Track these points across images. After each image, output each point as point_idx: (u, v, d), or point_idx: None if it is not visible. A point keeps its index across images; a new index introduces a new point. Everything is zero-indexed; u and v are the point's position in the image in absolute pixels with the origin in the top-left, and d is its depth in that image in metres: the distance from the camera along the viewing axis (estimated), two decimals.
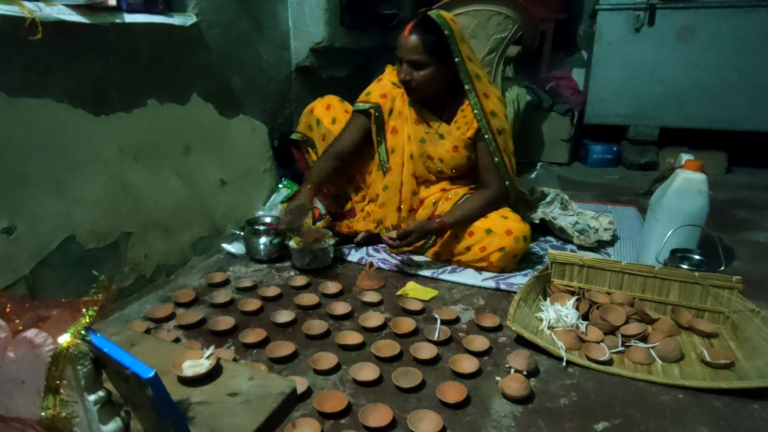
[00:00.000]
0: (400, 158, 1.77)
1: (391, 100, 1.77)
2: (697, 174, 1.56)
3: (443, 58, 1.57)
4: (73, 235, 1.26)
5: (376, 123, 1.77)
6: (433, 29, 1.54)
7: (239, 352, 1.23)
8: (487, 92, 1.65)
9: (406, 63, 1.57)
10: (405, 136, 1.75)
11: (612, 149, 3.31)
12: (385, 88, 1.78)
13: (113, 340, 0.90)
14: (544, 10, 3.32)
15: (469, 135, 1.66)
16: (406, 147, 1.76)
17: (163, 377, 0.79)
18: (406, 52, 1.56)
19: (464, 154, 1.70)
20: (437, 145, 1.71)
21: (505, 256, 1.61)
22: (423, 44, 1.53)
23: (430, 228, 1.61)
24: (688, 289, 1.38)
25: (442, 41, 1.55)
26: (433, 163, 1.74)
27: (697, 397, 1.08)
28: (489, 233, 1.63)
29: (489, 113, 1.63)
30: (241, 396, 0.74)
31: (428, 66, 1.56)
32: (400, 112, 1.76)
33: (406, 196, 1.78)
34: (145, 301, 1.48)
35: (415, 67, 1.57)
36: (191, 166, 1.68)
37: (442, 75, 1.60)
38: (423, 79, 1.58)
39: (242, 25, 1.86)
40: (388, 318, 1.37)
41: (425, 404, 1.05)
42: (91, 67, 1.29)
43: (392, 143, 1.78)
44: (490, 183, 1.70)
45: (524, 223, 1.66)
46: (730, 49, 2.88)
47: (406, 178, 1.77)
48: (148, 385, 0.52)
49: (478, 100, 1.62)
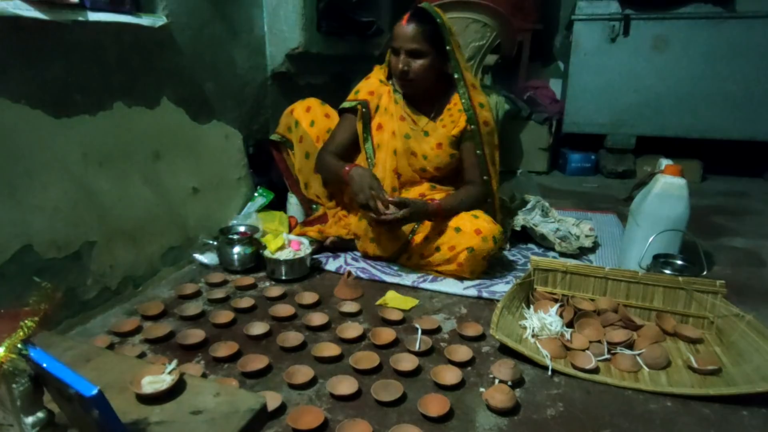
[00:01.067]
0: (384, 154, 1.76)
1: (378, 96, 1.77)
2: (677, 179, 1.56)
3: (439, 47, 1.59)
4: (29, 244, 1.18)
5: (362, 119, 1.76)
6: (428, 20, 1.57)
7: (209, 366, 1.16)
8: (475, 84, 1.68)
9: (405, 53, 1.58)
10: (390, 131, 1.75)
11: (590, 158, 3.33)
12: (373, 85, 1.79)
13: (66, 355, 0.84)
14: (521, 20, 3.34)
15: (454, 132, 1.67)
16: (390, 143, 1.75)
17: (120, 395, 0.74)
18: (406, 41, 1.56)
19: (448, 152, 1.69)
20: (422, 141, 1.70)
21: (473, 257, 1.56)
22: (422, 32, 1.55)
23: (426, 208, 1.58)
24: (672, 294, 1.36)
25: (437, 31, 1.57)
26: (417, 160, 1.72)
27: (686, 405, 1.05)
28: (458, 231, 1.60)
29: (477, 104, 1.65)
30: (205, 414, 0.68)
31: (427, 55, 1.58)
32: (386, 109, 1.76)
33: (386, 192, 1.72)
34: (110, 314, 1.40)
35: (414, 56, 1.58)
36: (161, 173, 1.61)
37: (437, 65, 1.61)
38: (421, 68, 1.59)
39: (215, 29, 1.80)
40: (367, 329, 1.32)
41: (406, 418, 1.00)
42: (51, 66, 1.22)
43: (377, 139, 1.77)
44: (475, 181, 1.70)
45: (495, 224, 1.62)
46: (703, 59, 2.94)
47: (387, 172, 1.75)
48: (92, 404, 0.46)
49: (467, 90, 1.64)
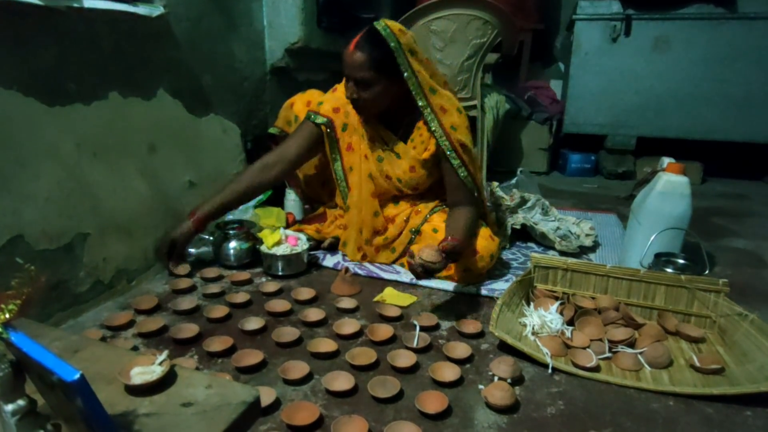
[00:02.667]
0: (358, 178, 1.66)
1: (344, 114, 1.65)
2: (679, 177, 1.54)
3: (393, 72, 1.46)
4: (20, 234, 1.16)
5: (328, 140, 1.66)
6: (379, 42, 1.43)
7: (203, 361, 1.14)
8: (445, 105, 1.51)
9: (352, 81, 1.47)
10: (361, 154, 1.65)
11: (590, 158, 3.32)
12: (339, 101, 1.65)
13: (54, 346, 0.81)
14: (522, 20, 3.33)
15: (425, 156, 1.56)
16: (363, 165, 1.65)
17: (108, 386, 0.71)
18: (352, 69, 1.45)
19: (422, 174, 1.60)
20: (394, 164, 1.62)
21: (469, 275, 1.54)
22: (369, 60, 1.42)
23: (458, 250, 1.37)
24: (674, 293, 1.34)
25: (389, 55, 1.43)
26: (392, 183, 1.64)
27: (689, 404, 1.03)
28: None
29: (449, 128, 1.50)
30: (196, 406, 0.65)
31: (376, 83, 1.45)
32: (355, 129, 1.65)
33: (367, 218, 1.66)
34: (103, 308, 1.38)
35: (362, 86, 1.46)
36: (157, 165, 1.58)
37: (392, 90, 1.49)
38: (371, 97, 1.48)
39: (214, 21, 1.78)
40: (364, 325, 1.30)
41: (403, 415, 0.97)
42: (45, 53, 1.20)
43: (349, 161, 1.67)
44: (462, 201, 1.56)
45: (493, 240, 1.56)
46: (704, 60, 2.93)
47: (365, 198, 1.66)
48: (75, 390, 0.43)
49: (435, 116, 1.49)
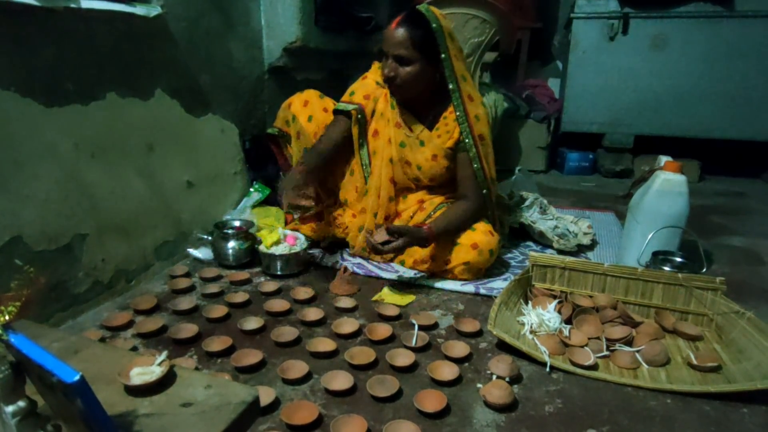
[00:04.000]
0: (380, 161, 1.69)
1: (374, 101, 1.69)
2: (677, 175, 1.55)
3: (431, 55, 1.49)
4: (19, 235, 1.16)
5: (358, 125, 1.68)
6: (421, 24, 1.46)
7: (202, 361, 1.14)
8: (472, 95, 1.56)
9: (392, 58, 1.49)
10: (386, 138, 1.67)
11: (588, 157, 3.32)
12: (369, 87, 1.69)
13: (53, 347, 0.81)
14: (520, 18, 3.33)
15: (449, 145, 1.58)
16: (386, 150, 1.67)
17: (108, 386, 0.71)
18: (393, 46, 1.47)
19: (443, 164, 1.61)
20: (416, 151, 1.63)
21: (469, 269, 1.55)
22: (411, 38, 1.45)
23: (420, 235, 1.47)
24: (672, 291, 1.34)
25: (430, 37, 1.47)
26: (411, 170, 1.66)
27: (686, 402, 1.04)
28: (455, 244, 1.56)
29: (473, 117, 1.54)
30: (195, 406, 0.66)
31: (415, 62, 1.48)
32: (382, 114, 1.68)
33: (383, 202, 1.69)
34: (102, 308, 1.38)
35: (402, 63, 1.48)
36: (155, 165, 1.58)
37: (428, 74, 1.52)
38: (408, 76, 1.49)
39: (211, 21, 1.78)
40: (362, 324, 1.30)
41: (402, 414, 0.98)
42: (42, 54, 1.20)
43: (373, 146, 1.70)
44: (468, 195, 1.59)
45: (492, 236, 1.57)
46: (702, 59, 2.93)
47: (384, 182, 1.69)
48: (74, 391, 0.44)
49: (462, 102, 1.53)
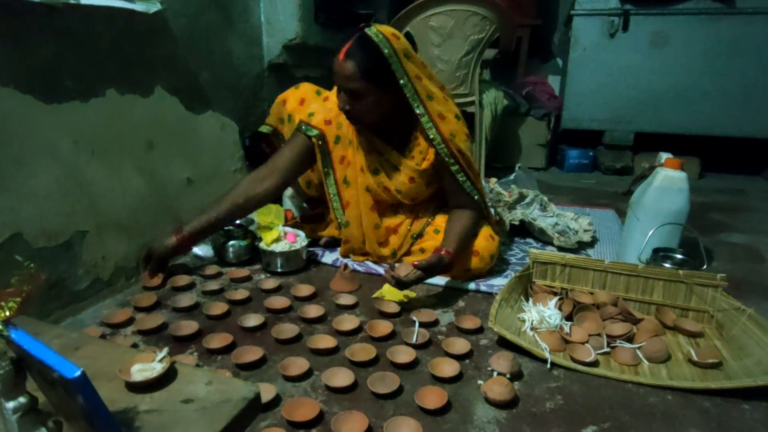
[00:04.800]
0: (356, 191, 1.60)
1: (336, 126, 1.58)
2: (677, 172, 1.54)
3: (387, 81, 1.39)
4: (19, 232, 1.16)
5: (320, 152, 1.59)
6: (371, 51, 1.35)
7: (202, 358, 1.14)
8: (443, 112, 1.47)
9: (344, 92, 1.41)
10: (357, 167, 1.59)
11: (588, 154, 3.32)
12: (331, 112, 1.58)
13: (54, 343, 0.81)
14: (520, 15, 3.33)
15: (425, 167, 1.52)
16: (360, 179, 1.59)
17: (109, 383, 0.71)
18: (342, 80, 1.38)
19: (421, 184, 1.56)
20: (392, 176, 1.57)
21: (469, 274, 1.54)
22: (361, 70, 1.35)
23: (443, 263, 1.39)
24: (672, 288, 1.34)
25: (383, 63, 1.36)
26: (391, 194, 1.60)
27: (687, 399, 1.04)
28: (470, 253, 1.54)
29: (448, 135, 1.46)
30: (196, 403, 0.66)
31: (369, 94, 1.39)
32: (350, 141, 1.58)
33: (368, 232, 1.62)
34: (102, 306, 1.38)
35: (354, 96, 1.40)
36: (155, 162, 1.58)
37: (387, 99, 1.42)
38: (364, 108, 1.41)
39: (211, 18, 1.77)
40: (363, 321, 1.30)
41: (403, 411, 0.98)
42: (42, 50, 1.19)
43: (343, 174, 1.61)
44: (464, 204, 1.55)
45: (493, 240, 1.56)
46: (702, 56, 2.93)
47: (364, 211, 1.60)
48: (76, 387, 0.44)
49: (434, 125, 1.44)
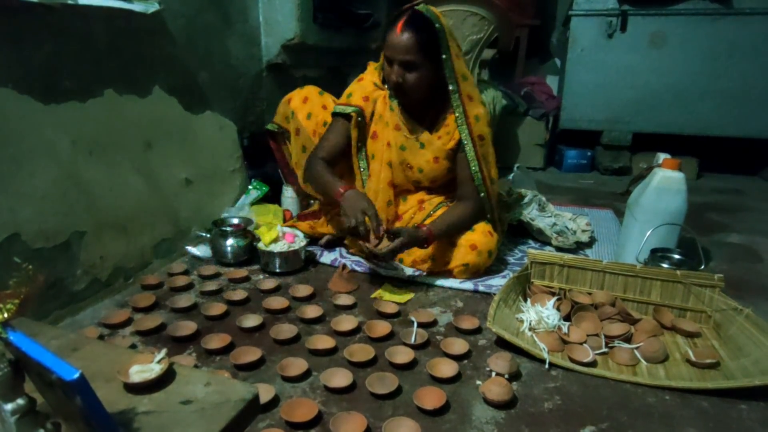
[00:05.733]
0: (379, 165, 1.65)
1: (372, 102, 1.64)
2: (675, 172, 1.55)
3: (435, 56, 1.46)
4: (17, 233, 1.15)
5: (357, 127, 1.63)
6: (424, 26, 1.42)
7: (201, 359, 1.14)
8: (472, 95, 1.53)
9: (398, 64, 1.45)
10: (384, 141, 1.63)
11: (586, 154, 3.33)
12: (367, 89, 1.64)
13: (52, 344, 0.81)
14: (518, 15, 3.32)
15: (450, 146, 1.56)
16: (385, 153, 1.64)
17: (107, 384, 0.71)
18: (399, 52, 1.42)
19: (445, 165, 1.60)
20: (417, 154, 1.60)
21: (467, 270, 1.54)
22: (417, 42, 1.41)
23: (419, 235, 1.45)
24: (670, 288, 1.35)
25: (433, 38, 1.43)
26: (412, 173, 1.64)
27: (685, 399, 1.04)
28: (453, 246, 1.55)
29: (472, 117, 1.52)
30: (195, 404, 0.66)
31: (421, 66, 1.44)
32: (381, 116, 1.64)
33: (381, 206, 1.63)
34: (101, 306, 1.38)
35: (409, 68, 1.45)
36: (153, 163, 1.58)
37: (433, 75, 1.49)
38: (416, 81, 1.46)
39: (209, 18, 1.77)
40: (362, 321, 1.30)
41: (402, 411, 0.98)
42: (40, 50, 1.19)
43: (372, 149, 1.66)
44: (468, 197, 1.57)
45: (491, 236, 1.57)
46: (700, 56, 2.93)
47: (382, 186, 1.64)
48: (74, 389, 0.44)
49: (461, 103, 1.50)
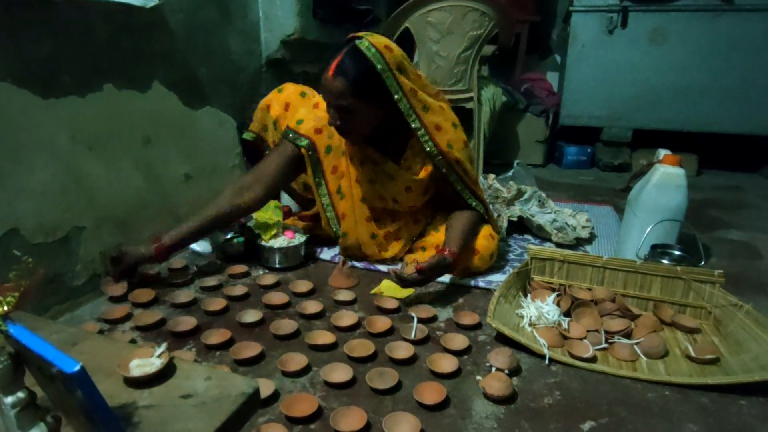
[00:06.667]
0: (351, 203, 1.57)
1: (327, 136, 1.52)
2: (675, 168, 1.55)
3: (379, 95, 1.34)
4: (16, 228, 1.15)
5: (310, 162, 1.53)
6: (363, 65, 1.30)
7: (201, 354, 1.14)
8: (439, 123, 1.43)
9: (333, 108, 1.36)
10: (352, 178, 1.54)
11: (586, 151, 3.32)
12: (321, 121, 1.51)
13: (52, 339, 0.81)
14: (519, 11, 3.32)
15: (422, 176, 1.50)
16: (354, 190, 1.56)
17: (107, 378, 0.71)
18: (331, 96, 1.33)
19: (419, 193, 1.55)
20: (388, 186, 1.53)
21: (467, 271, 1.54)
22: (351, 87, 1.30)
23: (446, 263, 1.37)
24: (670, 284, 1.35)
25: (375, 78, 1.31)
26: (388, 203, 1.58)
27: (684, 394, 1.04)
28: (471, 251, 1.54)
29: (445, 147, 1.43)
30: (195, 398, 0.65)
31: (360, 110, 1.34)
32: (343, 151, 1.54)
33: (366, 241, 1.59)
34: (100, 302, 1.38)
35: (344, 112, 1.35)
36: (152, 158, 1.58)
37: (379, 113, 1.38)
38: (355, 124, 1.37)
39: (209, 13, 1.77)
40: (362, 317, 1.30)
41: (402, 406, 0.98)
42: (39, 45, 1.19)
43: (336, 184, 1.57)
44: (461, 206, 1.54)
45: (492, 238, 1.55)
46: (700, 52, 2.92)
47: (360, 222, 1.57)
48: (75, 382, 0.43)
49: (430, 137, 1.41)
